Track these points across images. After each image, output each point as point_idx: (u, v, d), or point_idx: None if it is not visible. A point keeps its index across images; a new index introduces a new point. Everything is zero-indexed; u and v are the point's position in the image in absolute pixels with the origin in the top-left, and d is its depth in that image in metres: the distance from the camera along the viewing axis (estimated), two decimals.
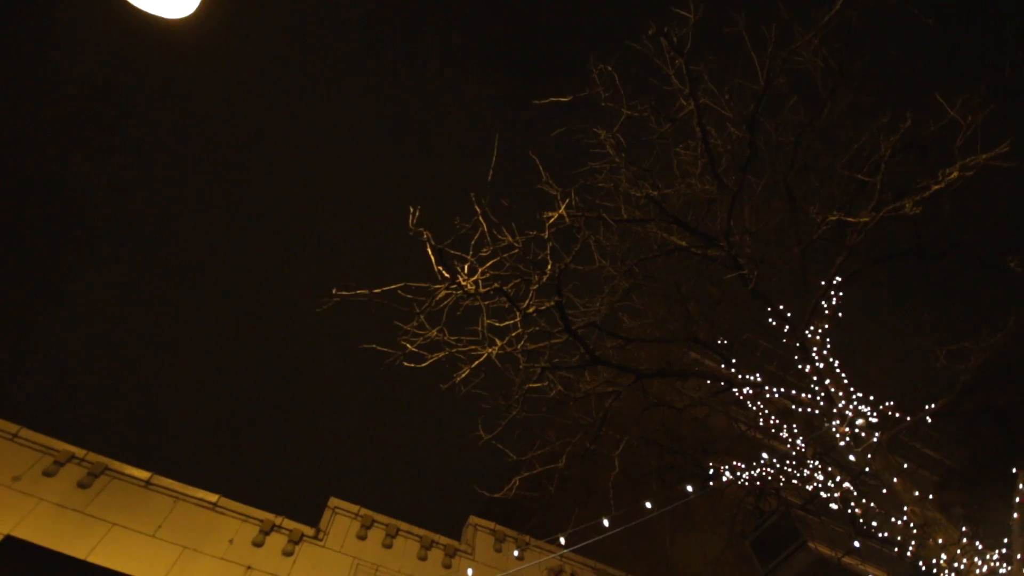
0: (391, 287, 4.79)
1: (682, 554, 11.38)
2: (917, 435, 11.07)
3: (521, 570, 6.63)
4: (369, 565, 5.83)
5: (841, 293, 6.17)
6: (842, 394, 5.59)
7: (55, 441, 5.34)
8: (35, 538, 4.54)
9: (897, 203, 5.42)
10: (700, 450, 7.67)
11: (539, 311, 5.12)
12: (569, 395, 6.38)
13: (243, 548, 5.37)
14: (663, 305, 7.26)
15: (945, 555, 4.72)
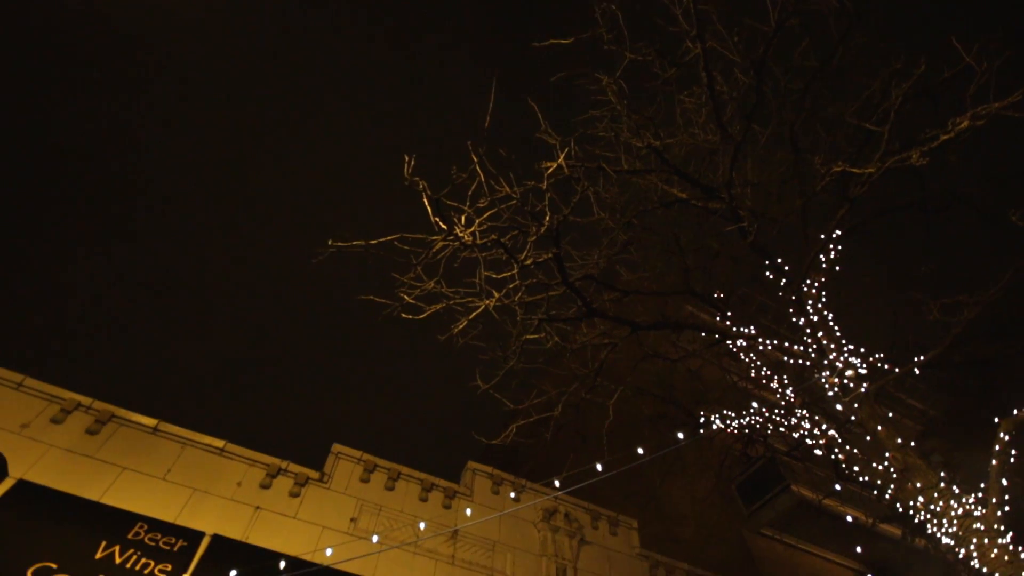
0: (387, 238, 4.75)
1: (671, 496, 11.95)
2: (903, 386, 11.39)
3: (517, 510, 6.96)
4: (372, 505, 6.09)
5: (840, 247, 6.16)
6: (833, 346, 5.68)
7: (60, 390, 5.41)
8: (48, 482, 4.68)
9: (904, 153, 5.31)
10: (692, 400, 7.89)
11: (537, 263, 5.10)
12: (566, 346, 6.48)
13: (251, 490, 5.57)
14: (661, 258, 7.25)
15: (922, 498, 4.93)
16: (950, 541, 4.73)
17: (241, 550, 4.90)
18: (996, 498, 4.71)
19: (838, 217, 6.09)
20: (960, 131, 5.04)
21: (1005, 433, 5.04)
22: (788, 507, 10.37)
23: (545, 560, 6.62)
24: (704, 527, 10.85)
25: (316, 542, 5.39)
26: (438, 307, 5.34)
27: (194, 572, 4.52)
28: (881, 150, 5.49)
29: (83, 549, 4.28)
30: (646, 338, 6.81)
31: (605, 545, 7.40)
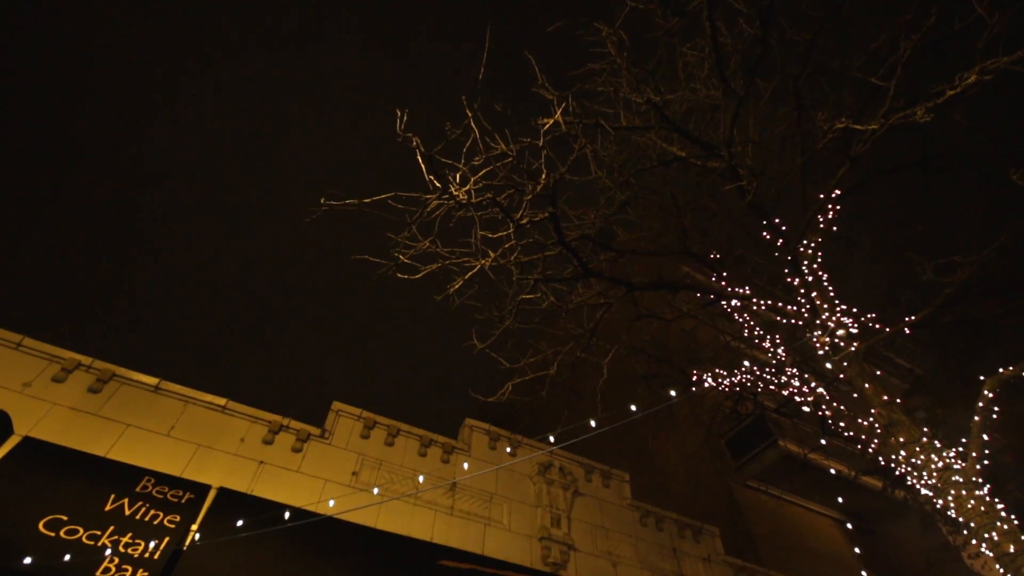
0: (381, 197, 4.67)
1: (662, 451, 12.35)
2: (892, 345, 11.60)
3: (514, 464, 7.19)
4: (373, 460, 6.27)
5: (839, 207, 6.12)
6: (826, 306, 5.74)
7: (59, 349, 5.43)
8: (53, 439, 4.77)
9: (908, 110, 5.20)
10: (686, 359, 8.03)
11: (533, 222, 5.05)
12: (561, 306, 6.52)
13: (254, 446, 5.71)
14: (658, 219, 7.20)
15: (904, 452, 5.10)
16: (929, 492, 4.92)
17: (247, 502, 5.06)
18: (976, 452, 4.86)
19: (838, 176, 6.02)
20: (967, 86, 4.92)
21: (989, 391, 5.17)
22: (774, 461, 10.75)
23: (540, 511, 6.90)
24: (693, 480, 11.27)
25: (319, 494, 5.57)
26: (434, 267, 5.33)
27: (202, 522, 4.68)
28: (886, 106, 5.37)
29: (92, 502, 4.40)
30: (641, 298, 6.86)
31: (598, 496, 7.70)
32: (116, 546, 4.12)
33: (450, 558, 5.58)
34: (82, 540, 4.07)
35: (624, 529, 7.48)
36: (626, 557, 7.14)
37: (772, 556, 9.65)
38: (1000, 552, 4.21)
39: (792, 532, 10.79)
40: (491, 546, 6.16)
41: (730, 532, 9.82)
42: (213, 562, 4.38)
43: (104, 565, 3.97)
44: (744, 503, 10.66)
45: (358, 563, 5.03)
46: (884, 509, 11.71)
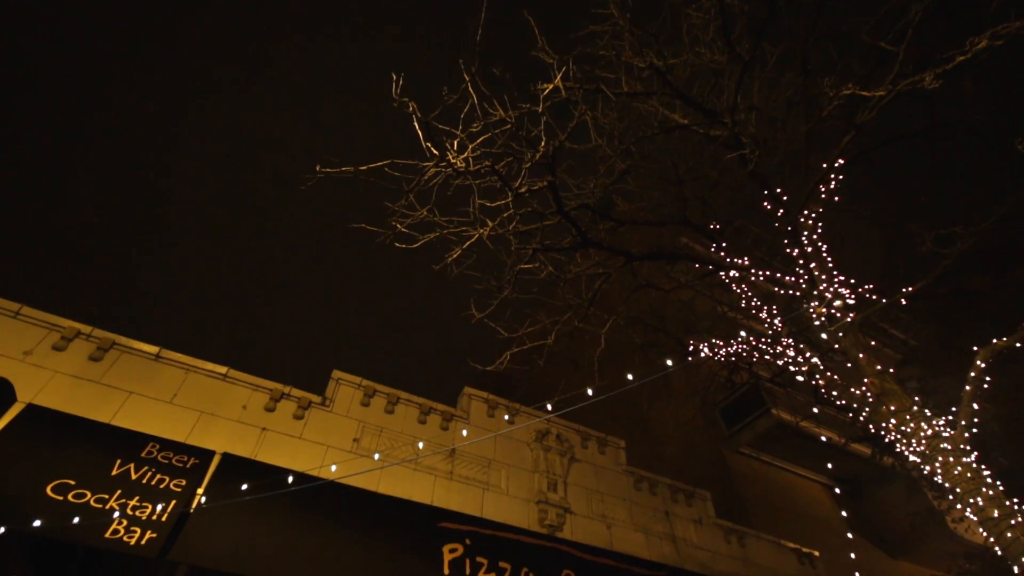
0: (378, 164, 4.59)
1: (658, 419, 12.59)
2: (887, 317, 11.69)
3: (511, 431, 7.33)
4: (374, 427, 6.38)
5: (841, 177, 6.04)
6: (824, 277, 5.74)
7: (58, 318, 5.44)
8: (56, 406, 4.82)
9: (917, 76, 5.07)
10: (683, 330, 8.08)
11: (531, 191, 4.99)
12: (560, 276, 6.51)
13: (256, 413, 5.79)
14: (658, 188, 7.12)
15: (894, 420, 5.18)
16: (917, 459, 5.02)
17: (251, 466, 5.17)
18: (965, 420, 4.95)
19: (842, 145, 5.92)
20: (977, 51, 4.79)
21: (982, 361, 5.22)
22: (767, 428, 10.98)
23: (537, 476, 7.07)
24: (687, 447, 11.54)
25: (322, 459, 5.69)
26: (431, 236, 5.29)
27: (208, 486, 4.79)
28: (894, 72, 5.23)
29: (98, 467, 4.48)
30: (640, 269, 6.85)
31: (594, 463, 7.88)
32: (124, 509, 4.22)
33: (450, 520, 5.75)
34: (90, 503, 4.17)
35: (619, 493, 7.70)
36: (620, 519, 7.36)
37: (761, 519, 9.97)
38: (984, 516, 4.35)
39: (781, 496, 11.12)
40: (489, 509, 6.34)
41: (721, 496, 10.11)
42: (220, 524, 4.50)
43: (113, 527, 4.08)
44: (736, 469, 10.95)
45: (360, 525, 5.18)
46: (872, 475, 12.05)
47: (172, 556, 4.15)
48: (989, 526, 4.31)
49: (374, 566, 4.89)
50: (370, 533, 5.16)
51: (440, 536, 5.51)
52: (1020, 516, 4.22)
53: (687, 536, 7.83)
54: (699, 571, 7.36)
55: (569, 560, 6.13)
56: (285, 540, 4.68)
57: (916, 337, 14.87)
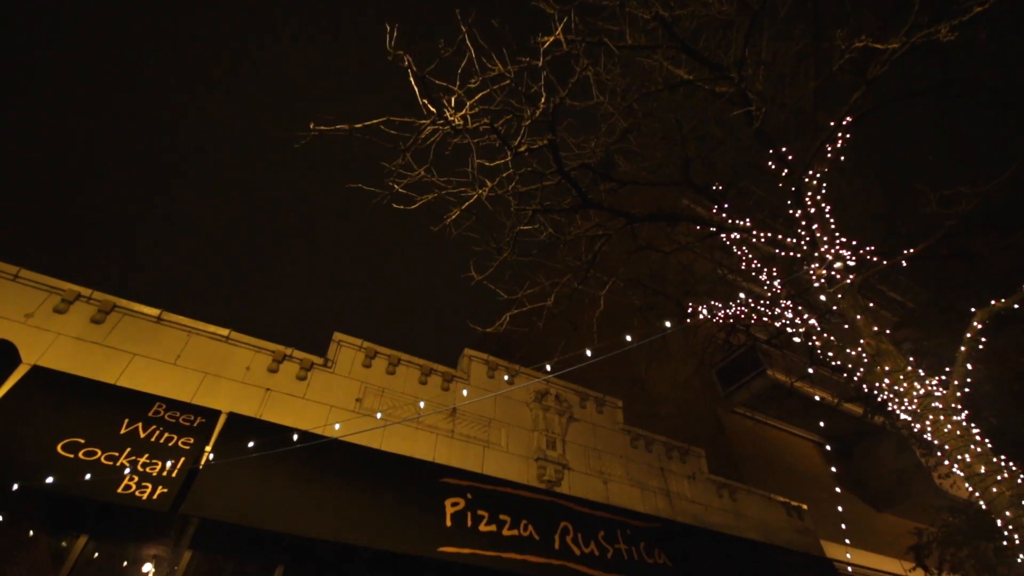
0: (373, 122, 4.46)
1: (655, 379, 12.80)
2: (886, 279, 11.70)
3: (511, 391, 7.46)
4: (376, 388, 6.48)
5: (849, 135, 5.90)
6: (826, 238, 5.70)
7: (58, 281, 5.43)
8: (62, 367, 4.88)
9: (932, 27, 4.87)
10: (682, 292, 8.10)
11: (531, 150, 4.87)
12: (559, 238, 6.46)
13: (260, 374, 5.87)
14: (661, 148, 6.97)
15: (888, 380, 5.25)
16: (908, 418, 5.12)
17: (256, 425, 5.28)
18: (958, 380, 5.00)
19: (852, 101, 5.75)
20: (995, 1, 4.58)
21: (979, 322, 5.24)
22: (762, 389, 11.18)
23: (537, 434, 7.25)
24: (683, 407, 11.78)
25: (325, 418, 5.81)
26: (429, 197, 5.20)
27: (215, 444, 4.91)
28: (909, 22, 5.02)
29: (107, 426, 4.56)
30: (640, 230, 6.79)
31: (592, 422, 8.07)
32: (134, 466, 4.34)
33: (451, 476, 5.93)
34: (101, 460, 4.27)
35: (616, 451, 7.91)
36: (617, 475, 7.60)
37: (753, 474, 10.29)
38: (971, 472, 4.47)
39: (773, 453, 11.45)
40: (490, 466, 6.53)
41: (715, 454, 10.40)
42: (228, 480, 4.64)
43: (125, 482, 4.20)
44: (730, 428, 11.22)
45: (365, 480, 5.34)
46: (862, 433, 12.37)
47: (184, 510, 4.29)
48: (975, 481, 4.44)
49: (379, 517, 5.08)
50: (374, 487, 5.33)
51: (442, 490, 5.70)
52: (1006, 472, 4.34)
53: (681, 491, 8.10)
54: (692, 523, 7.66)
55: (567, 513, 6.37)
56: (293, 494, 4.84)
57: (914, 300, 14.95)
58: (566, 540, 6.01)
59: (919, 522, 10.45)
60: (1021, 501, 4.12)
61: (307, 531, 4.65)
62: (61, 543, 4.61)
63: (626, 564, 6.22)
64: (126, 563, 5.60)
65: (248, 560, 5.27)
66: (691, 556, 6.93)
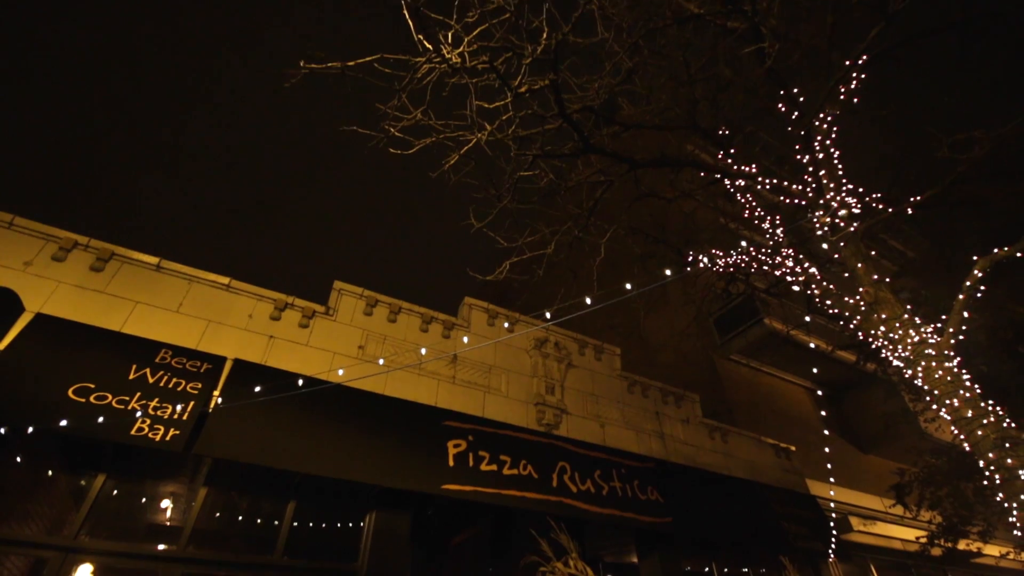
0: (367, 59, 4.25)
1: (653, 327, 12.97)
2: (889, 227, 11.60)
3: (511, 339, 7.57)
4: (377, 335, 6.57)
5: (864, 75, 5.65)
6: (833, 185, 5.59)
7: (54, 228, 5.36)
8: (65, 315, 4.91)
9: None
10: (683, 241, 8.04)
11: (532, 91, 4.67)
12: (560, 184, 6.34)
13: (263, 322, 5.93)
14: (667, 90, 6.70)
15: (884, 327, 5.31)
16: (900, 364, 5.21)
17: (262, 371, 5.39)
18: (953, 328, 5.05)
19: (870, 38, 5.47)
20: None
21: (979, 270, 5.23)
22: (759, 337, 11.36)
23: (536, 380, 7.42)
24: (680, 354, 12.01)
25: (329, 365, 5.93)
26: (427, 141, 5.04)
27: (223, 389, 5.03)
28: None
29: (116, 371, 4.65)
30: (643, 177, 6.65)
31: (590, 368, 8.24)
32: (145, 409, 4.46)
33: (453, 420, 6.12)
34: (112, 404, 4.39)
35: (613, 396, 8.13)
36: (613, 419, 7.85)
37: (745, 418, 10.64)
38: (958, 416, 4.60)
39: (766, 398, 11.78)
40: (491, 410, 6.73)
41: (709, 399, 10.70)
42: (238, 422, 4.79)
43: (137, 425, 4.33)
44: (724, 374, 11.49)
45: (370, 423, 5.52)
46: (853, 379, 12.68)
47: (197, 450, 4.45)
48: (962, 425, 4.58)
49: (385, 457, 5.28)
50: (379, 430, 5.51)
51: (445, 433, 5.90)
52: (992, 417, 4.47)
53: (674, 433, 8.40)
54: (684, 463, 7.99)
55: (564, 454, 6.63)
56: (301, 436, 5.01)
57: (915, 249, 14.88)
58: (563, 479, 6.29)
59: (902, 463, 10.92)
60: (1004, 443, 4.26)
61: (317, 469, 4.85)
62: (80, 482, 4.81)
63: (620, 500, 6.54)
64: (144, 499, 5.88)
65: (261, 496, 5.54)
66: (682, 493, 7.28)
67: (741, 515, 7.69)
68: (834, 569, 8.26)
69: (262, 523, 5.62)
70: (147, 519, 6.19)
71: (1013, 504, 4.12)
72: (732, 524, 7.45)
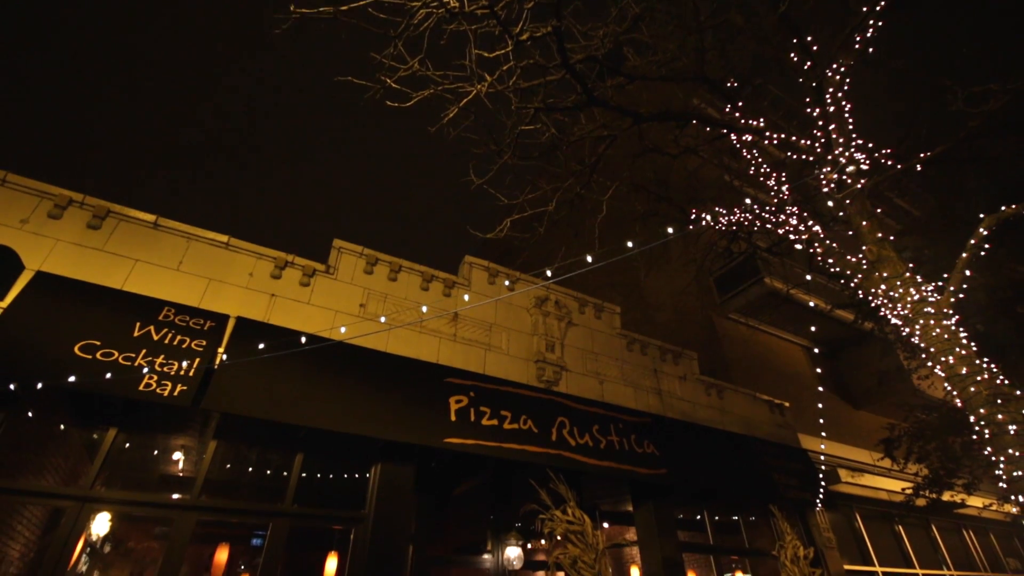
0: (359, 3, 4.04)
1: (654, 286, 13.00)
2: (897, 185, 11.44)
3: (511, 297, 7.60)
4: (378, 294, 6.58)
5: (880, 23, 5.40)
6: (842, 140, 5.45)
7: (47, 185, 5.27)
8: (65, 273, 4.90)
9: None
10: (686, 198, 7.93)
11: (534, 38, 4.47)
12: (562, 139, 6.18)
13: (263, 280, 5.92)
14: (674, 38, 6.42)
15: (884, 286, 5.31)
16: (899, 322, 5.24)
17: (265, 329, 5.44)
18: (955, 286, 5.04)
19: None
20: None
21: (985, 228, 5.17)
22: (759, 296, 11.40)
23: (536, 338, 7.50)
24: (679, 313, 12.08)
25: (331, 323, 5.97)
26: (425, 93, 4.87)
27: (227, 346, 5.09)
28: None
29: (120, 329, 4.68)
30: (647, 132, 6.48)
31: (590, 327, 8.31)
32: (152, 366, 4.52)
33: (455, 376, 6.22)
34: (119, 361, 4.44)
35: (612, 354, 8.24)
36: (612, 376, 7.98)
37: (741, 375, 10.82)
38: (952, 373, 4.66)
39: (762, 356, 11.95)
40: (492, 367, 6.83)
41: (707, 357, 10.86)
42: (244, 378, 4.86)
43: (145, 381, 4.41)
44: (722, 332, 11.60)
45: (373, 379, 5.61)
46: (850, 338, 12.82)
47: (205, 405, 4.54)
48: (955, 381, 4.65)
49: (389, 412, 5.41)
50: (383, 386, 5.62)
51: (447, 389, 6.01)
52: (986, 374, 4.53)
53: (672, 390, 8.56)
54: (680, 418, 8.19)
55: (563, 409, 6.78)
56: (306, 391, 5.11)
57: (920, 208, 14.70)
58: (563, 433, 6.46)
59: (893, 419, 11.19)
60: (996, 399, 4.34)
61: (323, 423, 4.97)
62: (92, 435, 4.95)
63: (617, 453, 6.74)
64: (156, 452, 6.07)
65: (270, 449, 5.71)
66: (677, 446, 7.50)
67: (734, 467, 7.95)
68: (820, 517, 8.62)
69: (271, 474, 5.82)
70: (160, 471, 6.42)
71: (1000, 457, 4.24)
72: (725, 475, 7.72)
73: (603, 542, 5.78)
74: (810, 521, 8.46)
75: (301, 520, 5.01)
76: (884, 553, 10.00)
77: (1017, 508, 4.19)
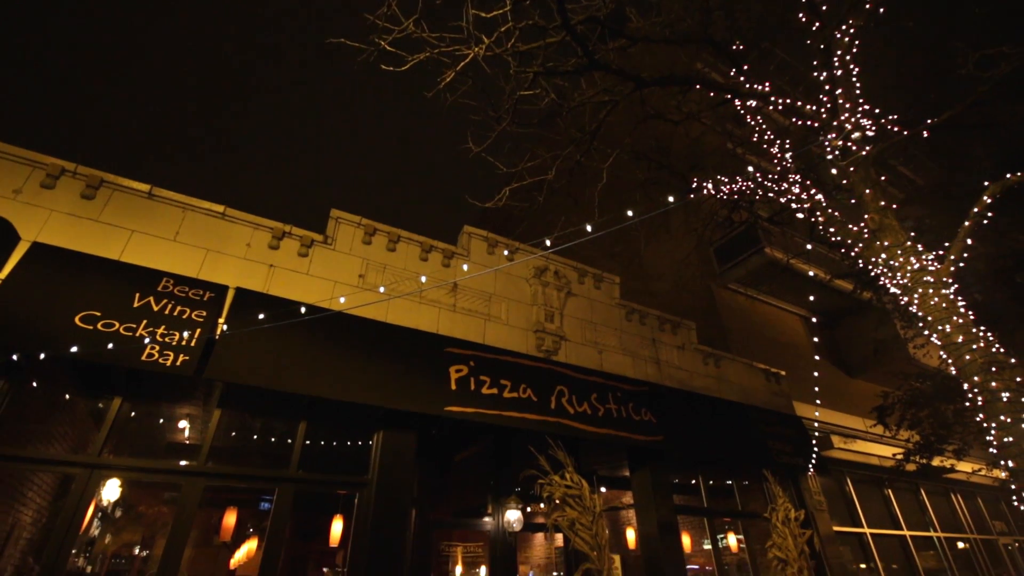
0: None
1: (653, 256, 12.97)
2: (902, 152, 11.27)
3: (511, 267, 7.59)
4: (377, 264, 6.56)
5: None
6: (848, 106, 5.33)
7: (38, 154, 5.18)
8: (61, 243, 4.86)
9: None
10: (688, 166, 7.82)
11: None
12: (562, 105, 6.04)
13: (261, 250, 5.89)
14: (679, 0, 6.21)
15: (885, 255, 5.28)
16: (897, 291, 5.24)
17: (264, 299, 5.44)
18: (955, 255, 5.01)
19: None
20: None
21: (989, 196, 5.11)
22: (757, 266, 11.38)
23: (536, 308, 7.52)
24: (678, 283, 12.09)
25: (330, 293, 5.97)
26: (421, 56, 4.73)
27: (227, 316, 5.10)
28: None
29: (120, 300, 4.68)
30: (649, 98, 6.33)
31: (589, 297, 8.32)
32: (153, 336, 4.54)
33: (455, 346, 6.27)
34: (120, 332, 4.46)
35: (611, 324, 8.28)
36: (610, 345, 8.05)
37: (739, 345, 10.92)
38: (948, 341, 4.69)
39: (760, 326, 12.03)
40: (491, 337, 6.87)
41: (705, 326, 10.92)
42: (245, 348, 4.90)
43: (147, 351, 4.44)
44: (721, 302, 11.64)
45: (374, 349, 5.66)
46: (849, 307, 12.87)
47: (208, 374, 4.59)
48: (951, 350, 4.69)
49: (390, 381, 5.47)
50: (383, 356, 5.67)
51: (447, 359, 6.07)
52: (982, 342, 4.56)
53: (670, 359, 8.65)
54: (677, 387, 8.30)
55: (562, 378, 6.86)
56: (309, 361, 5.15)
57: (925, 176, 14.53)
58: (561, 401, 6.55)
59: (887, 387, 11.35)
60: (991, 367, 4.39)
61: (326, 392, 5.04)
62: (98, 404, 5.01)
63: (615, 421, 6.86)
64: (162, 420, 6.17)
65: (273, 418, 5.80)
66: (674, 414, 7.63)
67: (729, 434, 8.11)
68: (812, 481, 8.84)
69: (276, 442, 5.93)
70: (166, 438, 6.54)
71: (992, 424, 4.32)
72: (720, 442, 7.88)
73: (600, 505, 5.95)
74: (802, 485, 8.69)
75: (306, 485, 5.13)
76: (873, 516, 10.31)
77: (1006, 473, 4.29)
